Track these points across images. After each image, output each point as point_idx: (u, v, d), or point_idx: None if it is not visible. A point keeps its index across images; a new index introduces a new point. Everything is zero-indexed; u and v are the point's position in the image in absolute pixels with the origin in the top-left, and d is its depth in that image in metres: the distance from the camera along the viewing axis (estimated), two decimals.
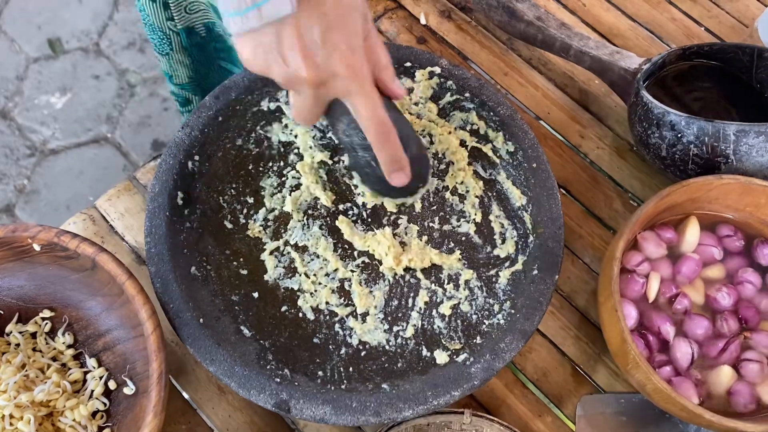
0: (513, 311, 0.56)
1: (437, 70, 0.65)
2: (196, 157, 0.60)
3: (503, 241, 0.61)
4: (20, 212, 1.50)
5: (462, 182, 0.63)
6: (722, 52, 0.67)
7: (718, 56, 0.68)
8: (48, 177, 1.54)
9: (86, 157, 1.57)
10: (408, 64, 0.65)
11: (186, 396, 0.60)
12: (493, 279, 0.59)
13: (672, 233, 0.61)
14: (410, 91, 0.66)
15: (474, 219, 0.62)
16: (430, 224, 0.62)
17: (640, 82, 0.65)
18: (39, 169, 1.55)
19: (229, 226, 0.60)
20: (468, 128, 0.65)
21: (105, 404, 0.56)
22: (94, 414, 0.56)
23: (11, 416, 0.53)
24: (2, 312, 0.58)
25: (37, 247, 0.56)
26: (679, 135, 0.60)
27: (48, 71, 1.65)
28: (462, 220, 0.62)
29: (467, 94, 0.65)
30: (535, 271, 0.57)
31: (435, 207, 0.63)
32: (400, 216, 0.62)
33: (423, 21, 0.77)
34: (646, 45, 0.78)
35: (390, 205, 0.61)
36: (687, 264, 0.60)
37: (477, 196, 0.63)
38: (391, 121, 0.48)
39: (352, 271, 0.59)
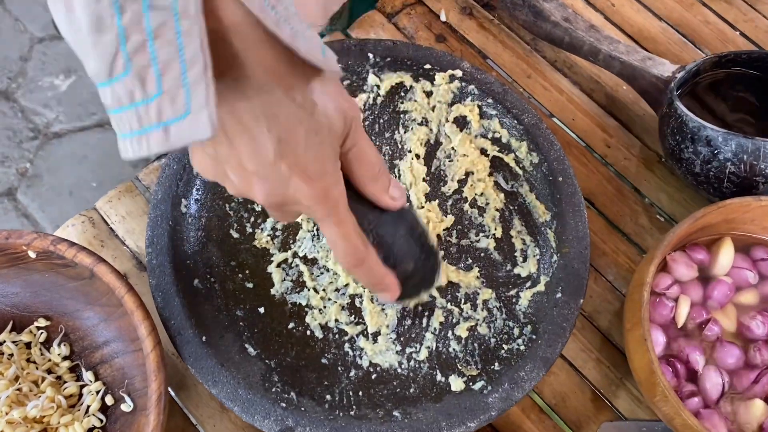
0: (534, 336, 0.53)
1: (458, 73, 0.61)
2: None
3: (525, 260, 0.57)
4: (22, 196, 1.47)
5: (482, 194, 0.60)
6: (761, 60, 0.64)
7: (756, 65, 0.64)
8: (51, 161, 1.51)
9: (90, 142, 1.53)
10: (428, 66, 0.62)
11: (186, 412, 0.57)
12: (513, 300, 0.56)
13: (704, 254, 0.58)
14: (429, 95, 0.62)
15: (494, 234, 0.58)
16: (447, 238, 0.58)
17: (674, 91, 0.61)
18: (42, 153, 1.52)
19: (236, 235, 0.57)
20: (489, 136, 0.61)
21: (101, 420, 0.53)
22: (89, 431, 0.53)
23: None
24: None
25: (32, 254, 0.53)
26: (716, 151, 0.57)
27: (53, 52, 1.62)
28: (481, 234, 0.59)
29: (489, 100, 0.61)
30: (559, 294, 0.54)
31: (452, 220, 0.59)
32: None
33: (443, 18, 0.73)
34: (678, 50, 0.74)
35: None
36: (719, 288, 0.56)
37: (497, 210, 0.59)
38: (383, 234, 0.42)
39: (362, 287, 0.56)
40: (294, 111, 0.35)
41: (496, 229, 0.58)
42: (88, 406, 0.53)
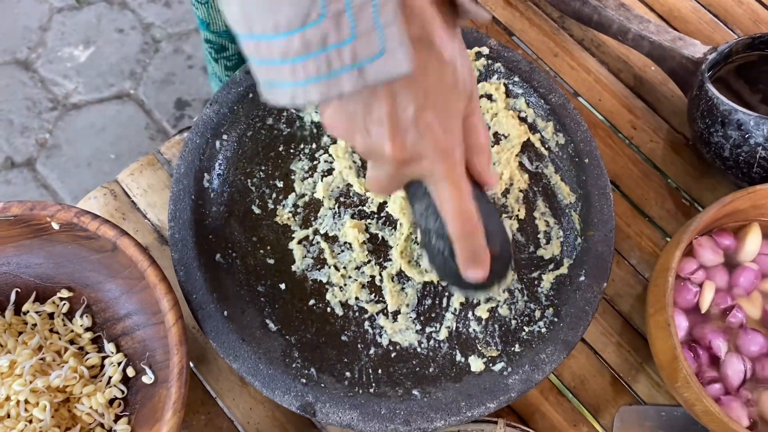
0: (556, 319, 0.53)
1: (485, 50, 0.60)
2: (224, 137, 0.57)
3: (548, 242, 0.57)
4: (41, 167, 1.47)
5: (506, 173, 0.59)
6: None
7: None
8: (70, 132, 1.51)
9: (108, 114, 1.53)
10: None
11: (206, 385, 0.57)
12: (536, 282, 0.55)
13: (731, 240, 0.57)
14: None
15: (517, 215, 0.58)
16: None
17: (705, 74, 0.60)
18: (61, 124, 1.52)
19: (257, 211, 0.57)
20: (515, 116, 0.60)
21: (123, 392, 0.54)
22: (111, 401, 0.54)
23: (26, 402, 0.51)
24: (20, 289, 0.56)
25: (55, 226, 0.53)
26: (747, 135, 0.55)
27: (72, 22, 1.61)
28: (504, 215, 0.58)
29: (516, 78, 0.60)
30: (582, 278, 0.53)
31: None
32: None
33: None
34: (709, 30, 0.72)
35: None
36: (745, 274, 0.56)
37: (521, 190, 0.59)
38: (482, 212, 0.41)
39: (381, 266, 0.56)
40: (441, 66, 0.36)
41: (519, 210, 0.58)
42: (110, 377, 0.54)
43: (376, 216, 0.57)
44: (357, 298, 0.55)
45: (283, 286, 0.55)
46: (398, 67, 0.32)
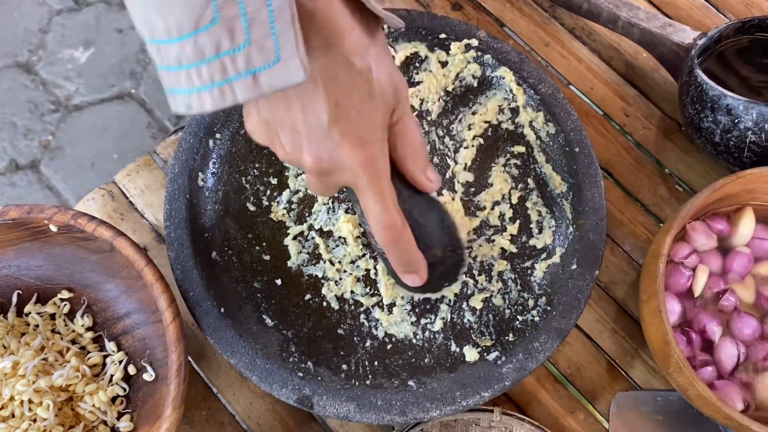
0: (549, 308, 0.53)
1: (474, 42, 0.61)
2: (218, 135, 0.57)
3: (540, 231, 0.57)
4: (45, 168, 1.49)
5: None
6: None
7: None
8: (72, 133, 1.53)
9: (110, 114, 1.54)
10: (443, 35, 0.61)
11: (207, 381, 0.58)
12: (528, 271, 0.56)
13: (724, 224, 0.57)
14: (444, 65, 0.62)
15: (506, 226, 0.58)
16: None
17: (695, 59, 0.60)
18: (63, 125, 1.53)
19: (252, 208, 0.58)
20: (505, 105, 0.61)
21: (125, 389, 0.55)
22: (113, 399, 0.55)
23: (30, 401, 0.52)
24: (21, 292, 0.57)
25: (54, 228, 0.54)
26: (736, 120, 0.56)
27: (71, 24, 1.62)
28: (493, 228, 0.58)
29: (505, 69, 0.60)
30: (574, 266, 0.54)
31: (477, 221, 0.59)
32: None
33: None
34: (700, 15, 0.72)
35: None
36: (738, 259, 0.56)
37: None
38: (416, 216, 0.42)
39: (376, 259, 0.56)
40: (352, 76, 0.35)
41: (511, 198, 0.58)
42: (112, 376, 0.55)
43: None
44: (352, 292, 0.56)
45: (279, 281, 0.56)
46: (293, 76, 0.31)
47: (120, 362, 0.55)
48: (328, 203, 0.58)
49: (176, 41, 0.30)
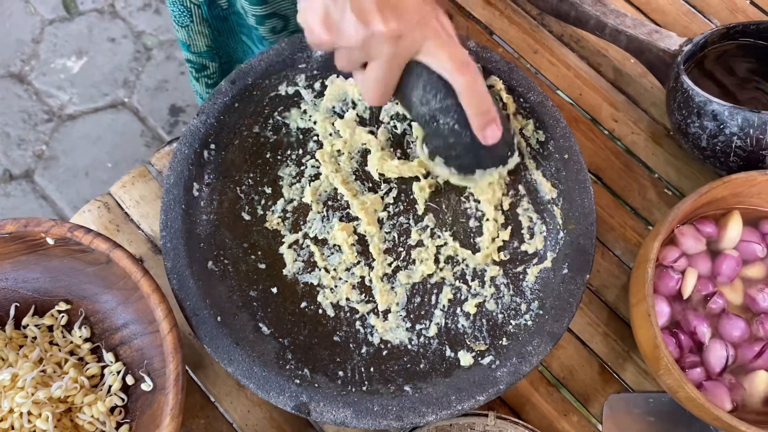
0: (541, 312, 0.54)
1: None
2: (212, 146, 0.58)
3: (531, 236, 0.58)
4: (39, 178, 1.49)
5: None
6: None
7: (765, 35, 0.63)
8: (66, 143, 1.53)
9: (104, 123, 1.55)
10: None
11: (204, 390, 0.59)
12: (521, 276, 0.57)
13: (712, 228, 0.58)
14: None
15: (501, 207, 0.59)
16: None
17: (681, 65, 0.61)
18: (57, 135, 1.53)
19: (247, 217, 0.58)
20: None
21: (123, 400, 0.55)
22: (112, 410, 0.55)
23: (29, 413, 0.52)
24: (18, 304, 0.57)
25: (50, 241, 0.54)
26: (722, 126, 0.57)
27: (63, 33, 1.62)
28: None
29: (495, 78, 0.61)
30: (565, 270, 0.55)
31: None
32: (427, 213, 0.59)
33: None
34: (687, 21, 0.73)
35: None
36: (727, 261, 0.57)
37: (506, 184, 0.60)
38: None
39: (370, 266, 0.57)
40: None
41: (502, 204, 0.59)
42: (110, 386, 0.55)
43: None
44: (348, 299, 0.56)
45: (275, 290, 0.56)
46: None
47: (118, 373, 0.56)
48: (322, 212, 0.59)
49: None
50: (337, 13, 0.41)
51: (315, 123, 0.61)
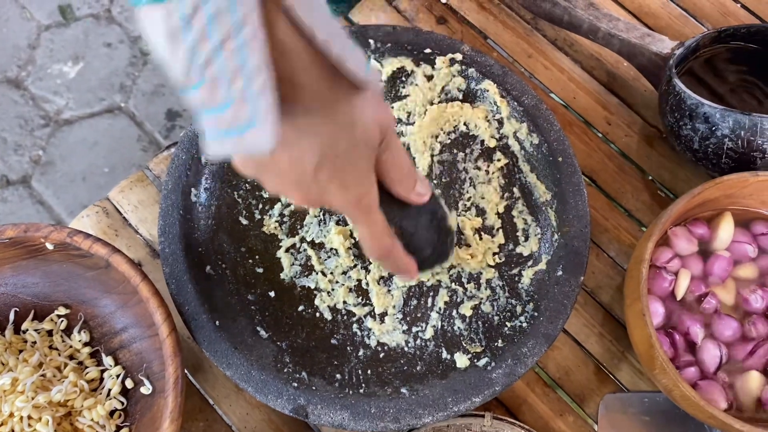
0: (536, 314, 0.55)
1: (458, 56, 0.62)
2: None
3: (526, 239, 0.59)
4: (36, 184, 1.49)
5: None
6: (761, 34, 0.64)
7: (756, 38, 0.64)
8: (63, 148, 1.53)
9: (100, 128, 1.55)
10: (428, 50, 0.62)
11: (203, 393, 0.59)
12: (516, 278, 0.57)
13: (705, 229, 0.59)
14: (430, 78, 0.63)
15: (496, 211, 0.60)
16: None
17: (673, 69, 0.61)
18: (54, 140, 1.54)
19: (245, 222, 0.59)
20: (490, 117, 0.62)
21: (122, 403, 0.56)
22: (111, 413, 0.56)
23: (29, 417, 0.53)
24: (18, 309, 0.58)
25: (50, 246, 0.55)
26: (713, 128, 0.57)
27: (60, 39, 1.63)
28: (483, 215, 0.60)
29: (489, 82, 0.62)
30: (560, 272, 0.55)
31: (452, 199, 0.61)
32: None
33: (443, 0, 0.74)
34: (679, 24, 0.74)
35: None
36: (719, 263, 0.57)
37: (501, 187, 0.60)
38: (407, 227, 0.45)
39: (367, 270, 0.58)
40: (336, 129, 0.37)
41: (497, 205, 0.60)
42: (110, 390, 0.56)
43: None
44: (345, 302, 0.57)
45: (272, 293, 0.57)
46: (264, 141, 0.32)
47: (117, 376, 0.56)
48: (319, 215, 0.59)
49: (192, 90, 0.32)
50: (266, 170, 0.38)
51: None
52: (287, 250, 0.58)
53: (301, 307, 0.57)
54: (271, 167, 0.37)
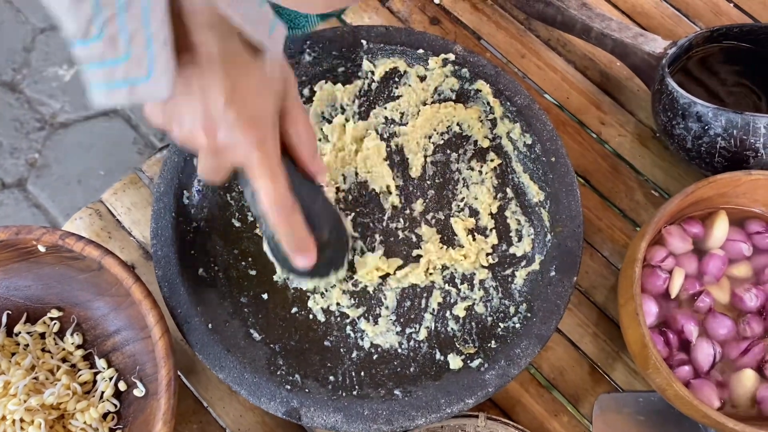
0: (529, 314, 0.54)
1: (451, 57, 0.62)
2: None
3: (519, 239, 0.59)
4: (32, 187, 1.49)
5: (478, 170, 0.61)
6: (753, 33, 0.64)
7: (749, 38, 0.64)
8: (59, 151, 1.53)
9: (96, 131, 1.55)
10: (421, 50, 0.62)
11: (197, 395, 0.59)
12: (509, 279, 0.57)
13: (699, 228, 0.59)
14: (422, 79, 0.63)
15: (490, 211, 0.60)
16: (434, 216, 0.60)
17: (665, 68, 0.61)
18: (49, 143, 1.53)
19: (237, 224, 0.59)
20: (483, 117, 0.62)
21: (115, 406, 0.56)
22: (104, 416, 0.55)
23: (22, 420, 0.53)
24: (10, 312, 0.57)
25: (42, 248, 0.55)
26: (706, 127, 0.57)
27: (55, 42, 1.62)
28: (476, 216, 0.60)
29: (482, 82, 0.62)
30: (553, 273, 0.55)
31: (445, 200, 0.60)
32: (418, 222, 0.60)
33: (436, 0, 0.74)
34: (672, 24, 0.74)
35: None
36: (713, 261, 0.57)
37: (493, 187, 0.60)
38: (304, 197, 0.44)
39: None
40: (248, 64, 0.40)
41: (491, 206, 0.60)
42: (102, 392, 0.56)
43: (352, 223, 0.59)
44: (338, 304, 0.57)
45: (265, 296, 0.57)
46: (159, 92, 0.37)
47: (110, 379, 0.56)
48: None
49: (73, 45, 0.35)
50: (176, 114, 0.41)
51: None
52: None
53: (294, 309, 0.57)
54: (177, 112, 0.40)
